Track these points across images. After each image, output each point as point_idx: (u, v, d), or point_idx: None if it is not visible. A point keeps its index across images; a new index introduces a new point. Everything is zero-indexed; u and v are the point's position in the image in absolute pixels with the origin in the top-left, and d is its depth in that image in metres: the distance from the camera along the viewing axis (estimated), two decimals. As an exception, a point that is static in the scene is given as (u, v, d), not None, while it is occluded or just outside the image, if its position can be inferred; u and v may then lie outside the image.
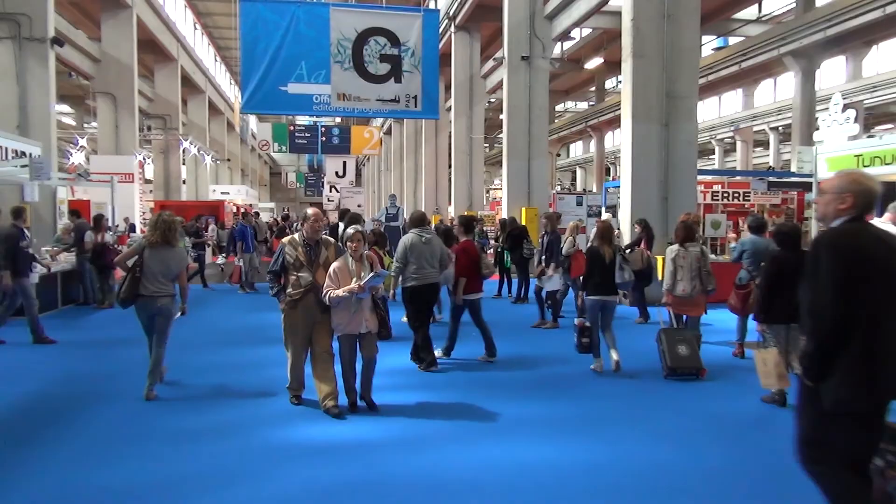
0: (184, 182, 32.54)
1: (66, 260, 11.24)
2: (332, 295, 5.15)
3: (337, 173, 32.51)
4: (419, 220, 7.29)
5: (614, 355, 6.85)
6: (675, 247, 7.17)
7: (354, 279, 5.17)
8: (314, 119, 34.35)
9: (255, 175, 58.63)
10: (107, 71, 23.25)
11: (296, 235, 5.54)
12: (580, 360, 7.08)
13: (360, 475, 4.16)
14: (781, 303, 5.23)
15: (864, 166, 7.81)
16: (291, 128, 32.27)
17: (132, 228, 18.77)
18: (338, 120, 37.81)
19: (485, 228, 14.73)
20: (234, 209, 31.02)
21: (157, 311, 5.90)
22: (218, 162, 38.60)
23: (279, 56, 13.89)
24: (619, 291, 7.14)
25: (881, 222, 7.31)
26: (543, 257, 9.79)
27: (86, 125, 35.53)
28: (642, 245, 9.96)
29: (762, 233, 7.50)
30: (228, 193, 35.09)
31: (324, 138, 29.94)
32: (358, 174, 51.87)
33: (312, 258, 5.38)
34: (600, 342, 6.92)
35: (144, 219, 21.48)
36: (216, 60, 41.02)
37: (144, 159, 25.34)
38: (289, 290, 5.40)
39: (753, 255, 7.18)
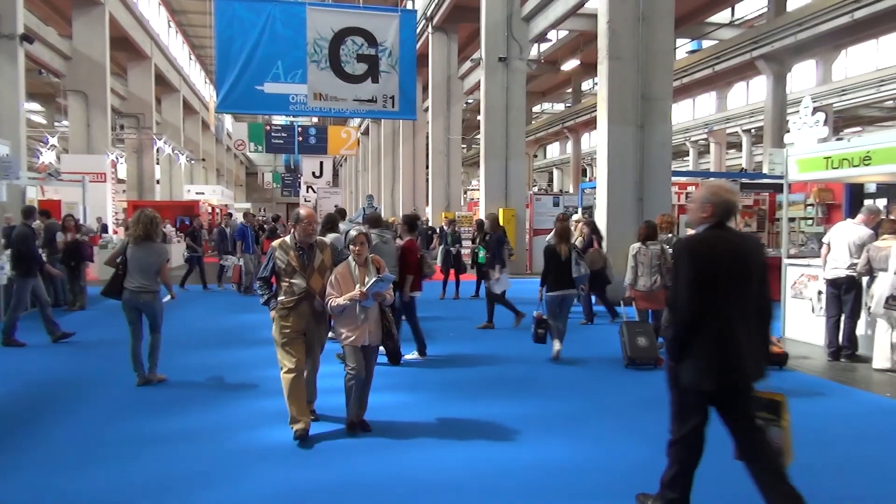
0: (158, 182, 32.11)
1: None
2: (332, 304, 4.70)
3: (314, 173, 32.28)
4: (377, 221, 7.48)
5: (556, 345, 7.36)
6: (637, 244, 7.56)
7: (358, 286, 4.73)
8: (291, 119, 34.10)
9: (230, 175, 58.06)
10: (78, 69, 22.86)
11: (287, 238, 5.02)
12: (547, 357, 7.41)
13: (337, 476, 4.14)
14: None
15: (833, 168, 7.97)
16: (268, 127, 31.97)
17: (104, 229, 18.48)
18: (315, 120, 37.58)
19: (458, 230, 14.62)
20: (210, 209, 30.74)
21: (141, 306, 6.25)
22: (193, 162, 38.18)
23: (255, 55, 13.77)
24: (578, 286, 7.66)
25: (854, 223, 7.49)
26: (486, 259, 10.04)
27: (56, 124, 34.89)
28: (595, 245, 10.13)
29: None
30: (203, 193, 34.72)
31: (300, 138, 29.71)
32: (335, 174, 51.61)
33: (306, 262, 4.87)
34: (553, 330, 7.44)
35: (117, 219, 21.20)
36: (191, 59, 40.54)
37: (117, 159, 24.98)
38: (281, 297, 4.87)
39: None
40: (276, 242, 5.04)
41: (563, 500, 3.87)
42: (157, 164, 31.96)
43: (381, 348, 5.08)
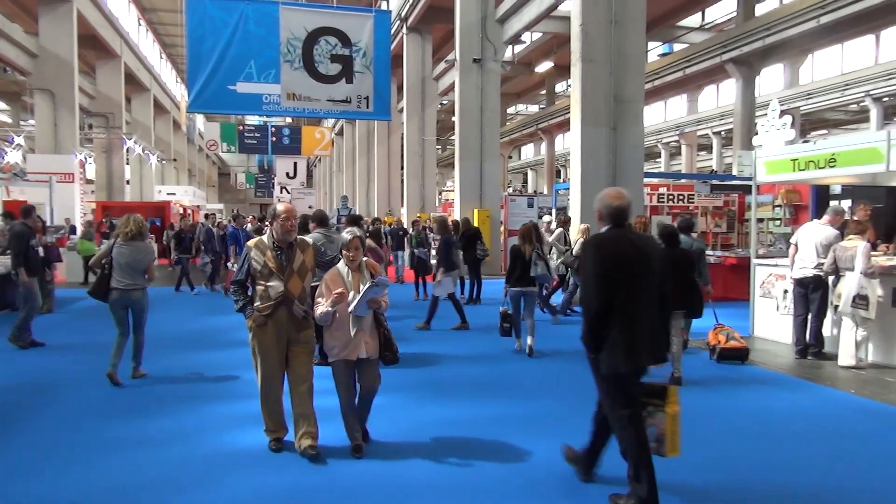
0: (128, 182, 31.62)
1: (1, 263, 10.76)
2: (318, 312, 4.31)
3: (288, 174, 32.09)
4: (323, 219, 7.38)
5: (529, 340, 7.68)
6: None
7: (352, 292, 4.30)
8: (264, 119, 33.82)
9: (202, 175, 57.35)
10: (45, 66, 22.42)
11: (264, 237, 4.56)
12: (522, 358, 7.56)
13: (311, 480, 4.12)
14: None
15: (800, 170, 8.13)
16: (240, 127, 31.68)
17: (72, 230, 18.12)
18: (288, 120, 37.33)
19: (424, 231, 14.40)
20: (181, 210, 30.31)
21: (131, 304, 6.47)
22: (164, 162, 37.62)
23: (227, 54, 13.62)
24: (538, 284, 8.18)
25: (820, 224, 7.66)
26: (434, 261, 10.11)
27: (22, 122, 34.11)
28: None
29: (689, 232, 8.06)
30: (175, 194, 34.26)
31: (274, 138, 29.48)
32: (309, 175, 51.31)
33: (284, 264, 4.43)
34: (522, 327, 7.87)
35: (86, 220, 20.79)
36: (162, 58, 39.97)
37: (85, 159, 24.53)
38: (256, 303, 4.45)
39: None
40: (251, 242, 4.61)
41: (537, 498, 3.89)
42: (127, 164, 31.48)
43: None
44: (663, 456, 3.63)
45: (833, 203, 8.07)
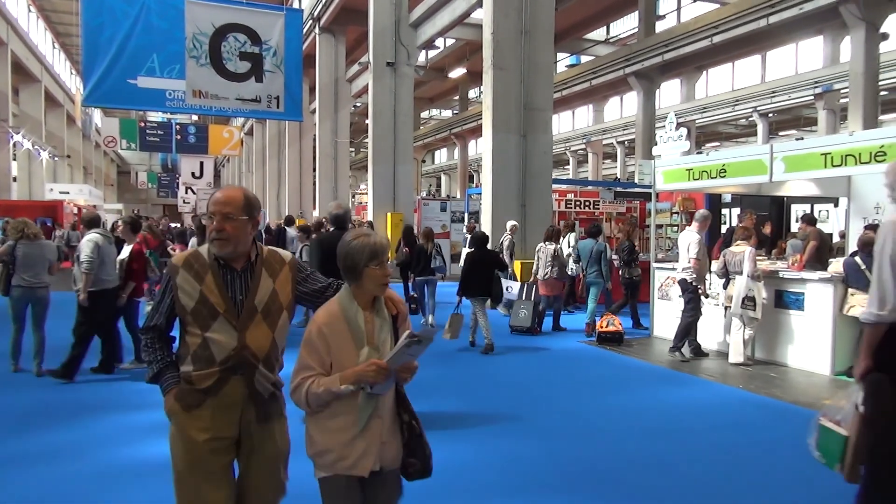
0: (14, 180, 29.43)
1: None
2: (312, 391, 2.24)
3: (193, 174, 30.83)
4: (96, 221, 7.08)
5: (430, 318, 9.48)
6: (541, 244, 9.65)
7: (364, 348, 2.31)
8: (168, 116, 32.38)
9: (99, 174, 54.14)
10: (-82, 52, 20.53)
11: (201, 249, 2.42)
12: (453, 361, 7.51)
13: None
14: (475, 283, 8.07)
15: (695, 179, 8.64)
16: (142, 124, 30.12)
17: (-51, 230, 16.67)
18: (194, 118, 35.92)
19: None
20: (76, 210, 28.58)
21: (35, 300, 6.77)
22: (56, 158, 35.27)
23: (127, 46, 12.94)
24: (436, 274, 9.89)
25: (690, 230, 8.19)
26: None
27: None
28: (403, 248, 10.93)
29: (596, 237, 9.57)
30: (68, 193, 32.19)
31: (179, 137, 28.22)
32: (217, 175, 49.58)
33: (238, 297, 2.37)
34: (426, 307, 9.68)
35: (-35, 220, 19.17)
36: (55, 47, 37.49)
37: (-35, 153, 22.67)
38: (185, 367, 2.37)
39: (582, 253, 9.54)
40: (178, 257, 2.43)
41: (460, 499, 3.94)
42: (14, 160, 29.30)
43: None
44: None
45: (700, 210, 8.70)
